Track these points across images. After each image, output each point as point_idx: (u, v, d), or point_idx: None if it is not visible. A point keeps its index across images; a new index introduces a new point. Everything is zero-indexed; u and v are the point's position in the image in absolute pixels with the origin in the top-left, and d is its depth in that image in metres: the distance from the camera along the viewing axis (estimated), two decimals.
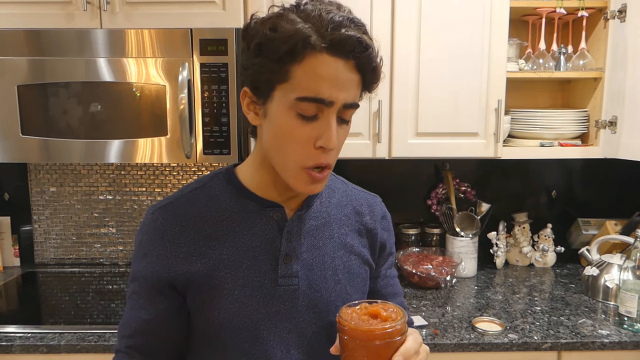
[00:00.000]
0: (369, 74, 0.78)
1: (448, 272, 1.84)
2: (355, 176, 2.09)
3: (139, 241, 0.86)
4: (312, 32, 0.72)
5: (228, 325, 0.82)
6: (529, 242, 2.09)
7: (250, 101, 0.81)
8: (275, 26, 0.74)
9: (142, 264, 0.84)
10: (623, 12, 1.66)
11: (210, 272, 0.82)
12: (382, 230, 0.97)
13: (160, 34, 1.58)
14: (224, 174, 0.89)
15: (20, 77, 1.60)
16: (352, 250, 0.92)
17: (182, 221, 0.84)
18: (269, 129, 0.79)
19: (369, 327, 0.72)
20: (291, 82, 0.74)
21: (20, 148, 1.63)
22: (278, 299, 0.84)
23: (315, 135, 0.75)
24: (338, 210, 0.93)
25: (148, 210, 0.87)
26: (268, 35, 0.74)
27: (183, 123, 1.58)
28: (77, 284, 1.89)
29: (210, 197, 0.86)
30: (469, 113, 1.74)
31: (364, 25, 0.78)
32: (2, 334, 1.46)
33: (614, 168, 2.06)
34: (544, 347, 1.45)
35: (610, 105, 1.75)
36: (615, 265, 1.72)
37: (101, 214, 2.07)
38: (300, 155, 0.77)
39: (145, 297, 0.84)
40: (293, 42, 0.72)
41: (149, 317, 0.84)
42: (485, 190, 2.10)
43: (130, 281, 0.87)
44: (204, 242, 0.83)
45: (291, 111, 0.75)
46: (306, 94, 0.73)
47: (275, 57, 0.73)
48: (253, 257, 0.84)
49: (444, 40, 1.70)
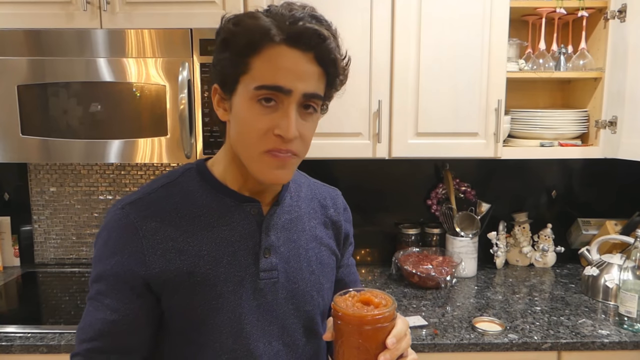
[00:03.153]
0: (330, 67, 0.79)
1: (448, 272, 1.84)
2: (355, 176, 2.10)
3: (105, 239, 0.82)
4: (272, 26, 0.75)
5: (210, 322, 0.82)
6: (529, 242, 2.09)
7: (219, 98, 0.83)
8: (238, 22, 0.78)
9: (110, 262, 0.80)
10: (623, 12, 1.66)
11: (190, 269, 0.81)
12: (345, 222, 1.02)
13: (160, 34, 1.58)
14: (196, 169, 0.88)
15: (20, 77, 1.60)
16: (322, 242, 0.96)
17: (157, 217, 0.82)
18: (234, 122, 0.81)
19: (364, 312, 0.77)
20: (251, 73, 0.77)
21: (20, 148, 1.63)
22: (259, 293, 0.85)
23: (275, 124, 0.77)
24: (306, 204, 0.96)
25: (115, 205, 0.84)
26: (231, 30, 0.78)
27: (183, 123, 1.58)
28: (77, 284, 1.89)
29: (184, 193, 0.85)
30: (469, 113, 1.74)
31: (327, 21, 0.80)
32: (2, 334, 1.46)
33: (614, 168, 2.06)
34: (544, 347, 1.45)
35: (610, 105, 1.75)
36: (615, 265, 1.72)
37: (101, 214, 2.07)
38: (260, 142, 0.78)
39: (113, 297, 0.80)
40: (252, 35, 0.75)
41: (116, 317, 0.80)
42: (485, 190, 2.10)
43: (93, 282, 0.82)
44: (181, 238, 0.82)
45: (252, 101, 0.77)
46: (264, 82, 0.76)
47: (236, 50, 0.77)
48: (233, 252, 0.84)
49: (444, 40, 1.70)
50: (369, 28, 1.68)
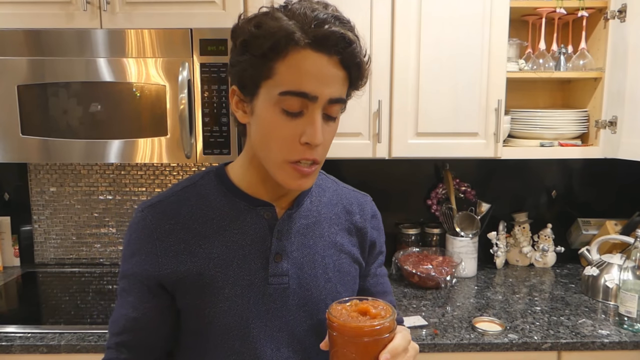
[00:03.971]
0: (354, 70, 0.77)
1: (448, 272, 1.84)
2: (355, 176, 2.10)
3: (128, 239, 0.86)
4: (296, 29, 0.72)
5: (218, 323, 0.83)
6: (529, 242, 2.09)
7: (238, 99, 0.82)
8: (259, 23, 0.75)
9: (131, 262, 0.85)
10: (623, 12, 1.66)
11: (200, 271, 0.82)
12: (372, 229, 0.98)
13: (160, 34, 1.58)
14: (215, 172, 0.89)
15: (20, 77, 1.60)
16: (342, 249, 0.92)
17: (171, 219, 0.84)
18: (256, 126, 0.80)
19: (358, 323, 0.72)
20: (275, 78, 0.75)
21: (20, 148, 1.63)
22: (268, 298, 0.85)
23: (300, 131, 0.75)
24: (328, 209, 0.93)
25: (137, 208, 0.87)
26: (253, 33, 0.75)
27: (183, 123, 1.58)
28: (77, 284, 1.89)
29: (200, 196, 0.86)
30: (469, 113, 1.74)
31: (350, 22, 0.78)
32: (2, 334, 1.46)
33: (614, 168, 2.06)
34: (544, 347, 1.45)
35: (610, 105, 1.75)
36: (615, 265, 1.72)
37: (101, 214, 2.07)
38: (285, 151, 0.77)
39: (133, 295, 0.85)
40: (276, 39, 0.72)
41: (137, 315, 0.84)
42: (485, 190, 2.10)
43: (119, 279, 0.87)
44: (193, 240, 0.83)
45: (276, 107, 0.75)
46: (289, 88, 0.74)
47: (259, 53, 0.74)
48: (243, 255, 0.84)
49: (444, 40, 1.70)
50: (369, 27, 1.68)
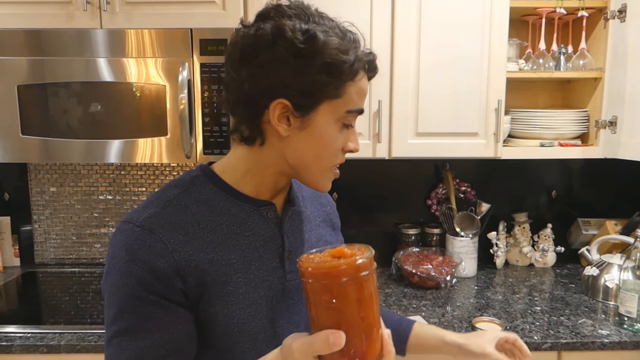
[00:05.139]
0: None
1: (448, 272, 1.84)
2: (355, 176, 2.10)
3: (128, 259, 0.75)
4: (360, 55, 0.81)
5: (247, 329, 0.81)
6: (529, 242, 2.09)
7: (282, 113, 0.79)
8: (342, 48, 0.78)
9: (143, 281, 0.75)
10: (623, 12, 1.66)
11: (223, 279, 0.80)
12: (335, 217, 1.07)
13: (160, 34, 1.58)
14: (204, 176, 0.85)
15: (20, 77, 1.60)
16: (327, 240, 0.99)
17: (181, 229, 0.78)
18: (304, 139, 0.81)
19: (332, 263, 0.64)
20: (344, 98, 0.80)
21: (20, 148, 1.63)
22: (288, 294, 0.86)
23: (346, 140, 0.85)
24: (310, 202, 0.99)
25: (127, 224, 0.78)
26: (340, 58, 0.78)
27: (183, 123, 1.58)
28: (77, 284, 1.89)
29: (200, 202, 0.82)
30: (469, 113, 1.74)
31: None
32: (2, 334, 1.46)
33: (614, 168, 2.07)
34: (544, 347, 1.45)
35: (610, 105, 1.75)
36: (615, 265, 1.72)
37: (101, 214, 2.07)
38: (335, 158, 0.85)
39: (156, 315, 0.75)
40: (356, 66, 0.80)
41: (171, 335, 0.76)
42: (485, 190, 2.10)
43: (121, 314, 0.75)
44: (209, 248, 0.80)
45: (338, 122, 0.82)
46: (355, 107, 0.82)
47: (338, 75, 0.79)
48: (259, 257, 0.84)
49: (444, 40, 1.70)
50: (369, 27, 1.68)
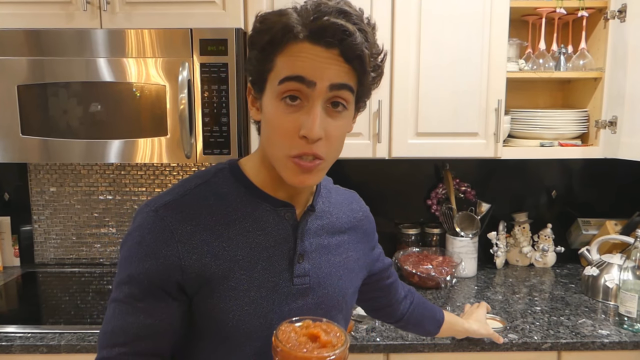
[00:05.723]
0: (357, 63, 0.76)
1: (448, 272, 1.84)
2: (355, 176, 2.10)
3: (139, 241, 0.79)
4: (295, 23, 0.73)
5: (243, 327, 0.81)
6: (529, 242, 2.09)
7: (253, 97, 0.83)
8: (263, 19, 0.77)
9: (144, 265, 0.78)
10: (623, 12, 1.66)
11: (225, 274, 0.80)
12: (369, 223, 1.05)
13: (160, 34, 1.58)
14: (229, 170, 0.86)
15: (20, 77, 1.60)
16: (349, 247, 0.95)
17: (192, 220, 0.80)
18: (264, 122, 0.81)
19: (304, 353, 0.66)
20: (275, 70, 0.76)
21: (20, 148, 1.63)
22: (291, 298, 0.85)
23: (300, 124, 0.75)
24: (337, 209, 0.96)
25: (147, 207, 0.81)
26: (256, 28, 0.78)
27: (183, 123, 1.58)
28: (77, 284, 1.89)
29: (218, 195, 0.83)
30: (469, 113, 1.74)
31: (358, 15, 0.76)
32: (2, 334, 1.46)
33: (614, 168, 2.07)
34: (544, 347, 1.45)
35: (610, 105, 1.75)
36: (615, 265, 1.72)
37: (101, 214, 2.07)
38: (286, 145, 0.76)
39: (147, 300, 0.78)
40: (274, 32, 0.74)
41: (152, 321, 0.78)
42: (485, 190, 2.10)
43: (121, 283, 0.79)
44: (217, 242, 0.80)
45: (278, 99, 0.76)
46: (286, 74, 0.74)
47: (260, 47, 0.76)
48: (268, 257, 0.83)
49: (444, 40, 1.70)
50: None
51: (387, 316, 1.22)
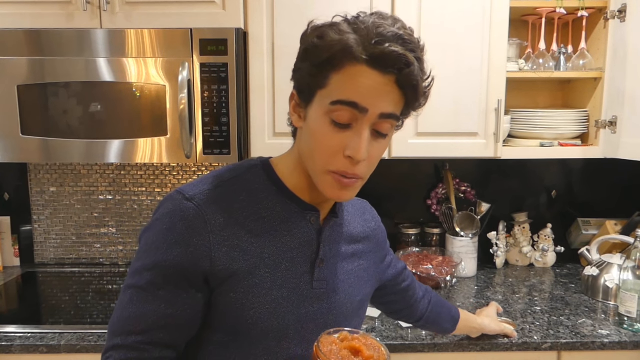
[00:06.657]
0: (410, 92, 0.77)
1: (448, 272, 1.84)
2: None
3: (169, 227, 0.77)
4: (355, 44, 0.73)
5: (261, 325, 0.81)
6: (529, 242, 2.09)
7: (296, 104, 0.83)
8: (322, 34, 0.76)
9: (172, 253, 0.76)
10: (623, 12, 1.66)
11: (251, 270, 0.80)
12: (381, 232, 1.06)
13: (160, 34, 1.58)
14: (261, 167, 0.87)
15: (20, 77, 1.60)
16: (362, 255, 0.98)
17: (225, 213, 0.80)
18: (306, 132, 0.81)
19: None
20: (329, 88, 0.76)
21: (20, 148, 1.63)
22: (309, 301, 0.86)
23: (346, 144, 0.76)
24: (353, 217, 0.98)
25: (179, 194, 0.80)
26: (314, 43, 0.77)
27: (183, 123, 1.58)
28: (77, 284, 1.89)
29: (250, 192, 0.84)
30: (469, 113, 1.74)
31: (416, 41, 0.76)
32: (2, 334, 1.46)
33: (614, 168, 2.07)
34: (544, 347, 1.45)
35: (610, 105, 1.75)
36: (615, 265, 1.72)
37: (101, 214, 2.07)
38: (329, 161, 0.77)
39: (170, 289, 0.77)
40: (334, 52, 0.74)
41: (174, 311, 0.77)
42: (485, 190, 2.10)
43: (144, 270, 0.78)
44: (246, 238, 0.81)
45: (326, 117, 0.76)
46: (340, 98, 0.74)
47: (317, 63, 0.76)
48: (291, 258, 0.84)
49: (444, 39, 1.70)
50: None
51: (407, 317, 1.24)
